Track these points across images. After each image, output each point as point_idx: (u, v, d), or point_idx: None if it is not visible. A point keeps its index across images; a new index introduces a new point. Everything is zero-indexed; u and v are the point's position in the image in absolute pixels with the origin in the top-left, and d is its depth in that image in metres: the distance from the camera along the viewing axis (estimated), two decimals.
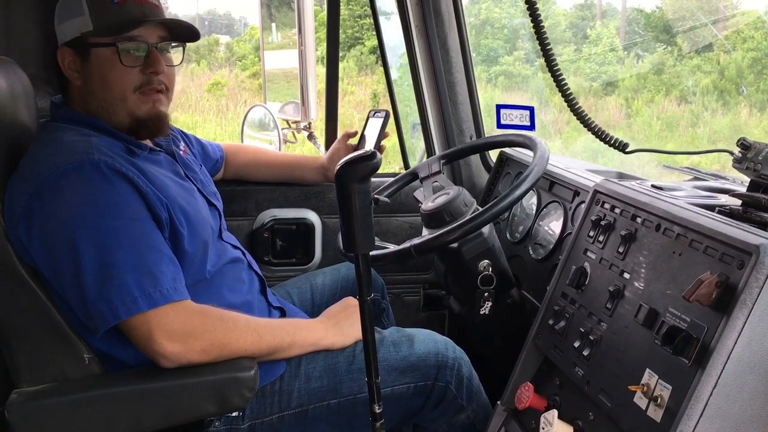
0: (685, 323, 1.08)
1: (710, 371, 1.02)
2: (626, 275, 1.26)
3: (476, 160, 2.32)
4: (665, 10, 9.56)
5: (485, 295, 1.63)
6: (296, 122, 2.57)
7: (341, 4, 2.19)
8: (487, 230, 1.66)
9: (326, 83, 2.19)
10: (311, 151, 2.90)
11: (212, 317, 1.34)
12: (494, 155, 2.26)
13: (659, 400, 1.08)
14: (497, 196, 1.85)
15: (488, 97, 8.34)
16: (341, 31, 2.20)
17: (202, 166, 1.73)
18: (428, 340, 1.57)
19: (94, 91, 1.42)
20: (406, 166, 2.47)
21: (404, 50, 2.25)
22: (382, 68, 2.45)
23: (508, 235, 1.95)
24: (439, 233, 1.47)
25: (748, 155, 1.28)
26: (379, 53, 2.42)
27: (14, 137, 1.37)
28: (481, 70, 10.32)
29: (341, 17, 2.21)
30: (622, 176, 1.82)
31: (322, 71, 2.44)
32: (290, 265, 2.20)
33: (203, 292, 1.43)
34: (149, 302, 1.26)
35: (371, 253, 1.07)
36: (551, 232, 1.77)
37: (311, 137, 2.59)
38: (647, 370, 1.13)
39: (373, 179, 1.04)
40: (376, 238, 1.37)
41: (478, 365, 1.61)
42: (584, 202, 1.51)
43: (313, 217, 2.19)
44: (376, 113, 1.92)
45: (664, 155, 1.71)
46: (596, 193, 1.44)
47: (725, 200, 1.42)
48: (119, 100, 1.41)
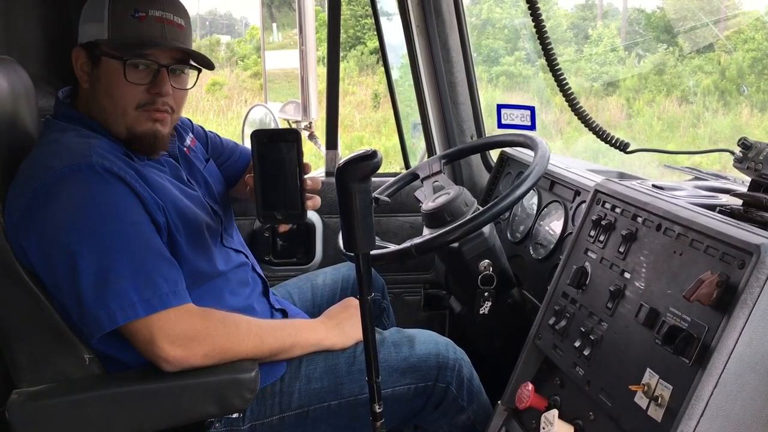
0: (685, 323, 1.08)
1: (711, 371, 1.02)
2: (627, 275, 1.26)
3: (477, 159, 2.32)
4: (666, 10, 9.56)
5: (485, 294, 1.63)
6: (297, 122, 2.56)
7: (342, 4, 2.19)
8: (487, 230, 1.66)
9: (327, 83, 2.19)
10: (312, 150, 2.89)
11: (214, 321, 1.34)
12: (495, 155, 2.26)
13: (660, 399, 1.08)
14: (498, 195, 1.85)
15: (489, 97, 8.34)
16: (342, 31, 2.20)
17: (210, 160, 1.70)
18: (429, 340, 1.56)
19: (97, 97, 1.41)
20: (406, 165, 2.47)
21: (405, 50, 2.25)
22: (382, 68, 2.45)
23: (508, 234, 1.95)
24: (439, 233, 1.47)
25: (749, 155, 1.28)
26: (379, 53, 2.41)
27: (15, 137, 1.37)
28: (482, 70, 10.32)
29: (342, 17, 2.21)
30: (622, 176, 1.82)
31: (322, 71, 2.44)
32: (291, 264, 2.20)
33: (205, 296, 1.42)
34: (147, 308, 1.26)
35: (372, 252, 1.07)
36: (552, 231, 1.77)
37: (312, 137, 2.59)
38: (648, 369, 1.12)
39: (373, 179, 1.04)
40: (376, 237, 1.37)
41: (478, 365, 1.61)
42: (585, 201, 1.51)
43: (313, 216, 2.19)
44: (271, 137, 1.16)
45: (665, 155, 1.71)
46: (597, 192, 1.44)
47: (726, 200, 1.41)
48: (120, 113, 1.39)
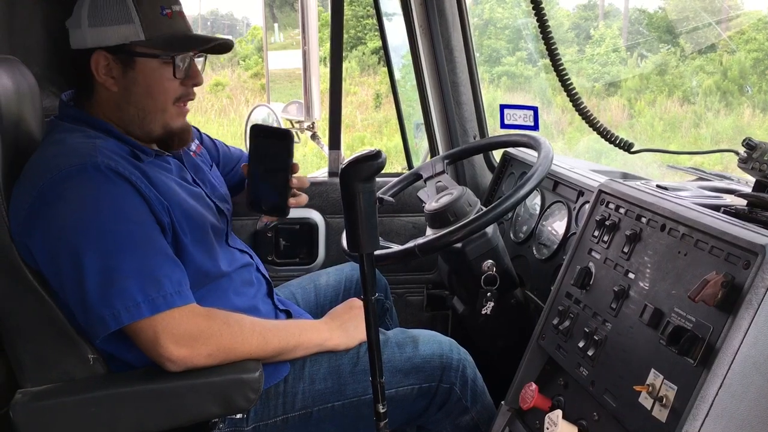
0: (690, 323, 1.08)
1: (716, 371, 1.02)
2: (631, 275, 1.26)
3: (480, 160, 2.32)
4: (668, 10, 9.56)
5: (488, 295, 1.63)
6: (299, 122, 2.57)
7: (344, 4, 2.19)
8: (491, 230, 1.66)
9: (330, 83, 2.19)
10: (314, 150, 2.90)
11: (218, 321, 1.34)
12: (498, 155, 2.26)
13: (664, 400, 1.08)
14: (501, 196, 1.85)
15: (491, 97, 8.33)
16: (344, 31, 2.20)
17: (213, 165, 1.71)
18: (432, 341, 1.56)
19: (133, 99, 1.41)
20: (409, 166, 2.47)
21: (407, 51, 2.25)
22: (385, 68, 2.45)
23: (512, 235, 1.95)
24: (443, 233, 1.47)
25: (753, 155, 1.28)
26: (382, 53, 2.41)
27: (20, 137, 1.37)
28: (483, 70, 10.32)
29: (344, 17, 2.21)
30: (626, 176, 1.82)
31: (325, 71, 2.44)
32: (294, 264, 2.20)
33: (210, 295, 1.42)
34: (152, 308, 1.26)
35: (375, 253, 1.07)
36: (555, 232, 1.76)
37: (314, 137, 2.59)
38: (652, 370, 1.12)
39: (377, 179, 1.04)
40: (380, 238, 1.37)
41: (481, 365, 1.61)
42: (588, 202, 1.51)
43: (316, 216, 2.19)
44: (267, 133, 1.40)
45: (667, 156, 1.71)
46: (601, 193, 1.44)
47: (730, 200, 1.41)
48: (160, 110, 1.42)
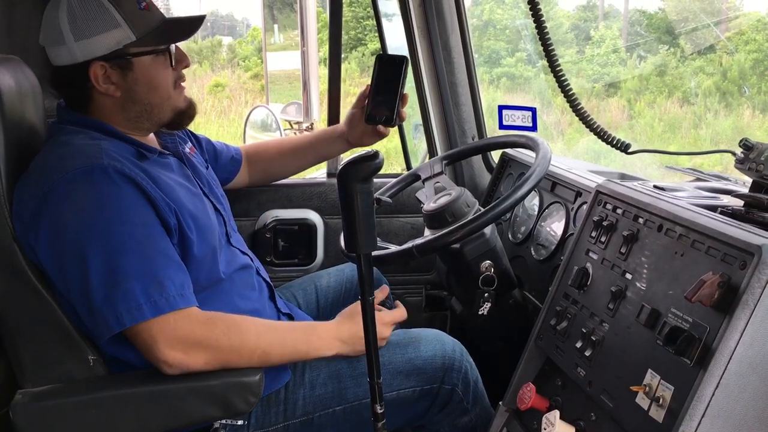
0: (687, 324, 1.08)
1: (712, 372, 1.02)
2: (628, 276, 1.26)
3: (478, 160, 2.32)
4: (668, 11, 9.56)
5: (485, 295, 1.63)
6: (298, 123, 2.57)
7: (343, 5, 2.19)
8: (489, 231, 1.66)
9: (328, 84, 2.19)
10: None
11: (217, 331, 1.32)
12: (496, 156, 2.27)
13: (661, 400, 1.08)
14: (499, 196, 1.85)
15: (490, 98, 8.33)
16: (343, 32, 2.20)
17: (208, 167, 1.72)
18: (435, 341, 1.56)
19: (138, 98, 1.42)
20: (408, 167, 2.48)
21: (406, 52, 2.25)
22: None
23: (510, 235, 1.95)
24: (441, 234, 1.48)
25: (750, 156, 1.28)
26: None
27: (22, 136, 1.37)
28: (483, 71, 10.32)
29: (343, 18, 2.21)
30: (624, 177, 1.82)
31: (324, 72, 2.45)
32: (292, 265, 2.20)
33: (214, 298, 1.42)
34: (154, 310, 1.26)
35: (373, 253, 1.07)
36: (553, 232, 1.77)
37: None
38: (649, 370, 1.13)
39: (375, 180, 1.05)
40: (378, 238, 1.37)
41: (480, 366, 1.61)
42: (586, 202, 1.51)
43: (314, 217, 2.20)
44: (389, 59, 1.64)
45: (666, 156, 1.71)
46: (598, 193, 1.44)
47: (727, 201, 1.42)
48: (165, 99, 1.46)
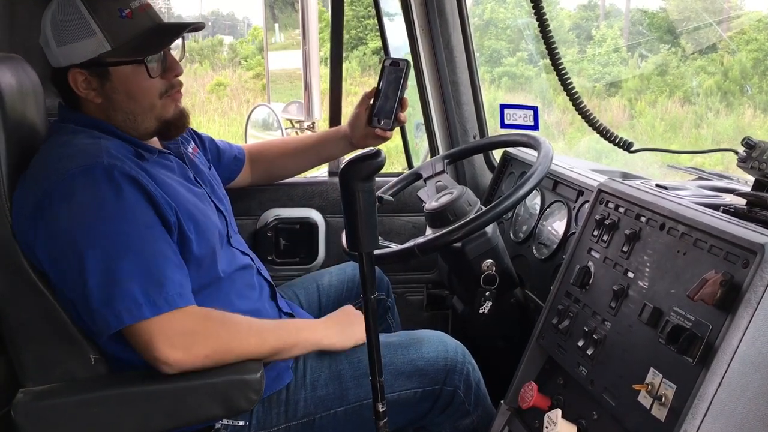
0: (689, 322, 1.08)
1: (715, 370, 1.02)
2: (630, 274, 1.26)
3: (480, 159, 2.32)
4: (669, 10, 9.55)
5: (486, 294, 1.63)
6: (300, 122, 2.57)
7: (345, 4, 2.19)
8: (490, 230, 1.66)
9: (330, 83, 2.19)
10: None
11: (215, 322, 1.34)
12: (498, 155, 2.27)
13: (663, 399, 1.08)
14: (501, 195, 1.85)
15: (492, 98, 8.33)
16: (344, 31, 2.20)
17: (211, 167, 1.72)
18: (438, 342, 1.56)
19: (117, 106, 1.41)
20: (409, 165, 2.48)
21: (408, 51, 2.25)
22: None
23: (511, 234, 1.95)
24: (442, 232, 1.48)
25: (752, 154, 1.28)
26: (382, 54, 2.42)
27: (24, 135, 1.37)
28: (484, 71, 10.32)
29: (345, 18, 2.21)
30: (626, 176, 1.82)
31: (325, 71, 2.45)
32: (293, 264, 2.20)
33: (212, 298, 1.42)
34: (153, 309, 1.26)
35: (375, 252, 1.07)
36: (555, 231, 1.77)
37: None
38: (651, 369, 1.12)
39: (376, 179, 1.04)
40: (379, 237, 1.37)
41: (481, 365, 1.61)
42: (588, 201, 1.51)
43: (316, 216, 2.20)
44: (392, 63, 1.71)
45: (668, 156, 1.71)
46: (600, 192, 1.44)
47: (730, 199, 1.42)
48: (148, 109, 1.42)
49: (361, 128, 1.81)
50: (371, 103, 1.75)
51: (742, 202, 1.31)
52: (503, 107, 1.97)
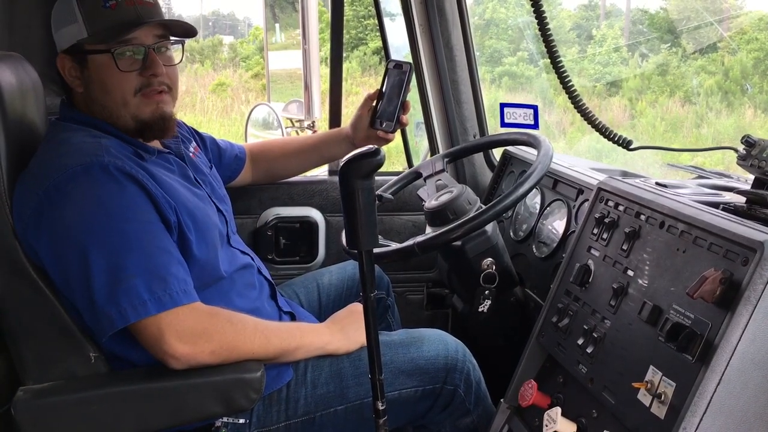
0: (689, 320, 1.08)
1: (714, 368, 1.02)
2: (630, 272, 1.26)
3: (480, 158, 2.32)
4: (670, 10, 9.55)
5: (485, 293, 1.63)
6: (300, 121, 2.57)
7: (345, 4, 2.19)
8: (490, 228, 1.66)
9: (330, 82, 2.19)
10: None
11: (221, 319, 1.34)
12: (498, 154, 2.27)
13: (663, 397, 1.08)
14: (501, 194, 1.85)
15: (492, 97, 8.33)
16: (345, 31, 2.20)
17: (212, 167, 1.72)
18: (438, 341, 1.56)
19: (95, 97, 1.41)
20: (409, 164, 2.48)
21: (408, 51, 2.25)
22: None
23: (511, 233, 1.95)
24: (442, 231, 1.48)
25: (752, 152, 1.28)
26: (383, 54, 2.42)
27: (24, 134, 1.37)
28: (485, 70, 10.32)
29: (345, 18, 2.21)
30: (626, 174, 1.82)
31: (325, 72, 2.45)
32: (293, 263, 2.20)
33: (212, 297, 1.42)
34: (158, 305, 1.26)
35: (375, 250, 1.07)
36: (555, 230, 1.77)
37: None
38: (651, 367, 1.12)
39: (376, 177, 1.04)
40: (379, 236, 1.37)
41: (481, 363, 1.61)
42: (588, 200, 1.51)
43: (316, 215, 2.20)
44: (396, 66, 1.73)
45: (668, 155, 1.71)
46: (600, 190, 1.44)
47: (729, 197, 1.41)
48: (121, 104, 1.40)
49: (363, 130, 1.81)
50: (374, 105, 1.77)
51: (741, 200, 1.31)
52: (503, 106, 1.98)
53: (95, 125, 1.41)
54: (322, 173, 2.36)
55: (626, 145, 1.51)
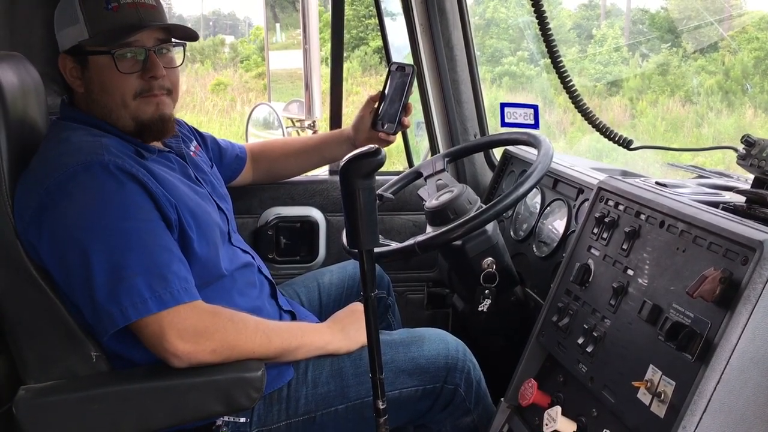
0: (688, 319, 1.08)
1: (714, 367, 1.02)
2: (630, 272, 1.26)
3: (480, 158, 2.32)
4: (670, 9, 9.55)
5: (485, 292, 1.63)
6: (300, 121, 2.58)
7: (345, 4, 2.19)
8: (491, 228, 1.66)
9: (331, 81, 2.20)
10: None
11: (223, 318, 1.35)
12: (498, 153, 2.27)
13: (663, 395, 1.08)
14: (501, 194, 1.85)
15: (492, 97, 8.33)
16: (345, 31, 2.20)
17: (213, 166, 1.72)
18: (438, 340, 1.56)
19: (95, 98, 1.42)
20: (410, 164, 2.48)
21: (408, 50, 2.26)
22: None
23: (512, 233, 1.95)
24: (443, 230, 1.48)
25: (752, 152, 1.28)
26: (383, 53, 2.42)
27: (25, 134, 1.38)
28: (485, 70, 10.31)
29: (345, 17, 2.21)
30: (626, 174, 1.82)
31: (326, 71, 2.45)
32: (294, 262, 2.21)
33: (214, 295, 1.42)
34: (159, 304, 1.26)
35: (375, 250, 1.07)
36: (555, 230, 1.77)
37: None
38: (651, 366, 1.13)
39: (377, 177, 1.05)
40: (380, 236, 1.38)
41: (482, 363, 1.61)
42: (588, 199, 1.51)
43: (317, 214, 2.20)
44: (398, 68, 1.75)
45: (668, 154, 1.71)
46: (600, 190, 1.44)
47: (729, 197, 1.42)
48: (121, 106, 1.41)
49: (364, 131, 1.82)
50: (375, 106, 1.77)
51: (741, 199, 1.32)
52: (503, 106, 1.98)
53: (95, 124, 1.42)
54: (322, 173, 2.36)
55: (627, 144, 1.52)
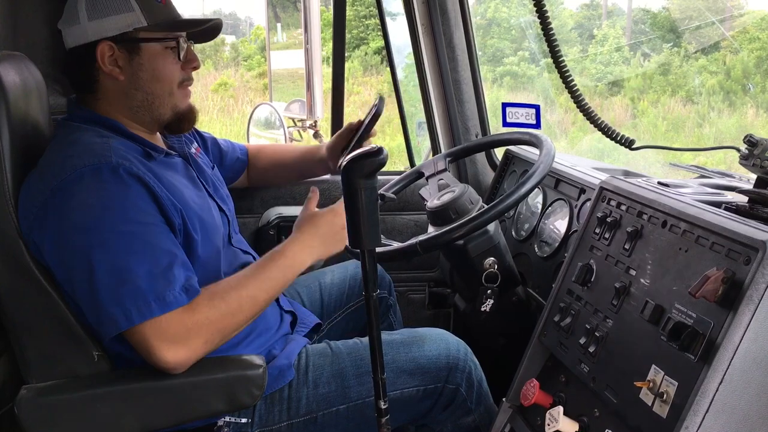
0: (691, 319, 1.08)
1: (716, 367, 1.02)
2: (632, 272, 1.26)
3: (482, 158, 2.32)
4: (671, 9, 9.54)
5: (487, 292, 1.63)
6: (302, 120, 2.58)
7: (347, 4, 2.19)
8: (492, 228, 1.66)
9: (332, 81, 2.20)
10: None
11: (203, 309, 1.32)
12: (500, 153, 2.27)
13: (665, 396, 1.08)
14: (503, 194, 1.85)
15: (494, 97, 8.32)
16: (347, 31, 2.20)
17: (214, 167, 1.72)
18: (440, 340, 1.56)
19: (140, 84, 1.43)
20: (411, 164, 2.48)
21: (410, 51, 2.26)
22: (387, 68, 2.45)
23: (513, 232, 1.95)
24: (444, 230, 1.48)
25: (754, 152, 1.28)
26: (384, 53, 2.42)
27: (27, 133, 1.38)
28: (487, 70, 10.31)
29: (347, 17, 2.21)
30: (628, 174, 1.82)
31: (327, 71, 2.45)
32: None
33: None
34: (162, 306, 1.26)
35: (377, 249, 1.07)
36: (557, 230, 1.77)
37: (317, 135, 2.60)
38: (653, 366, 1.13)
39: (379, 177, 1.05)
40: (381, 236, 1.38)
41: (483, 363, 1.61)
42: (590, 199, 1.51)
43: None
44: (381, 100, 1.77)
45: (670, 154, 1.71)
46: (602, 190, 1.44)
47: (732, 197, 1.42)
48: (167, 93, 1.45)
49: (335, 157, 1.86)
50: (351, 137, 1.81)
51: (744, 199, 1.31)
52: (505, 105, 1.98)
53: (104, 124, 1.42)
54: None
55: (628, 144, 1.51)
